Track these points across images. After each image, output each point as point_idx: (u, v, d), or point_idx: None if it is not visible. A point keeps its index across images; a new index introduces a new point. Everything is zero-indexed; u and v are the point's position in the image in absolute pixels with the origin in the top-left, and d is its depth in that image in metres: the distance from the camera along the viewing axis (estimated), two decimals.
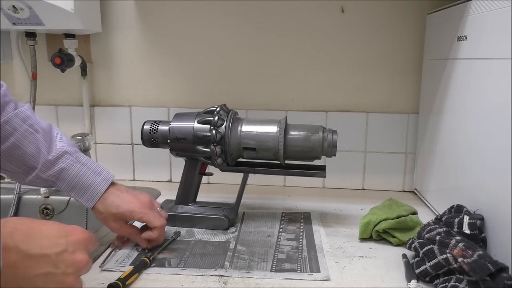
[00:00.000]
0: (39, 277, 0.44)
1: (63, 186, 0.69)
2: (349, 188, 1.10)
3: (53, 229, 0.48)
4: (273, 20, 1.05)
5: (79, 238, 0.49)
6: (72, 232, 0.49)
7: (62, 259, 0.46)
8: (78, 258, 0.48)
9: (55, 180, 0.68)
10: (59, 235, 0.48)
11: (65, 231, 0.49)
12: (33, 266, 0.44)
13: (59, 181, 0.68)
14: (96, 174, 0.69)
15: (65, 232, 0.49)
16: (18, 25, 0.93)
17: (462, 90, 0.77)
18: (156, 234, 0.72)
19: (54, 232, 0.48)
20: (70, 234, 0.49)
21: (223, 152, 0.79)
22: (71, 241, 0.48)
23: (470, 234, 0.63)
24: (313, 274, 0.66)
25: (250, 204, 0.96)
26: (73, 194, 0.69)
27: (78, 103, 1.13)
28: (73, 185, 0.68)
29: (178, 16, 1.07)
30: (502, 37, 0.61)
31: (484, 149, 0.68)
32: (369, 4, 1.02)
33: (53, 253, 0.46)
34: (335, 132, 0.79)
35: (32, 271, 0.44)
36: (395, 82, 1.05)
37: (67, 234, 0.48)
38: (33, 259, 0.44)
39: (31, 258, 0.44)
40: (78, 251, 0.48)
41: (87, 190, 0.69)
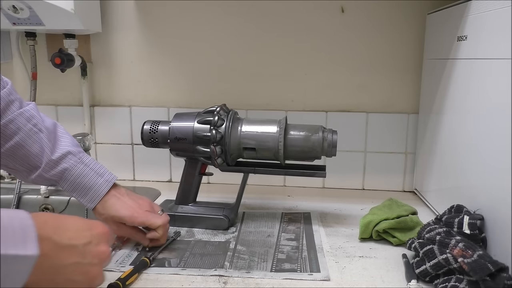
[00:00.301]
0: (68, 267, 0.47)
1: (66, 186, 0.69)
2: (349, 188, 1.10)
3: (78, 222, 0.51)
4: (273, 20, 1.05)
5: (101, 232, 0.53)
6: (95, 226, 0.53)
7: (88, 250, 0.49)
8: (101, 250, 0.51)
9: (57, 180, 0.69)
10: (84, 228, 0.51)
11: (88, 225, 0.52)
12: (64, 256, 0.46)
13: (62, 181, 0.69)
14: (98, 175, 0.70)
15: (89, 225, 0.52)
16: (18, 25, 0.93)
17: (462, 90, 0.77)
18: (160, 233, 0.72)
19: (79, 225, 0.50)
20: (93, 228, 0.52)
21: (223, 152, 0.79)
22: (95, 234, 0.51)
23: (470, 234, 0.63)
24: (313, 274, 0.66)
25: (250, 204, 0.96)
26: (75, 195, 0.70)
27: (78, 103, 1.13)
28: (75, 185, 0.69)
29: (178, 16, 1.07)
30: (502, 37, 0.61)
31: (484, 149, 0.68)
32: (369, 4, 1.02)
33: (80, 244, 0.48)
34: (335, 132, 0.79)
35: (63, 260, 0.46)
36: (395, 82, 1.05)
37: (91, 227, 0.52)
38: (64, 249, 0.46)
39: (62, 248, 0.46)
40: (101, 243, 0.52)
41: (89, 191, 0.69)
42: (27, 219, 0.42)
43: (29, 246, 0.41)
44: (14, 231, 0.40)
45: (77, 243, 0.48)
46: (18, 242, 0.40)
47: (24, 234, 0.41)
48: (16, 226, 0.41)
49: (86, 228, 0.51)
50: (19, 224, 0.41)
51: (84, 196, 0.69)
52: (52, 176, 0.68)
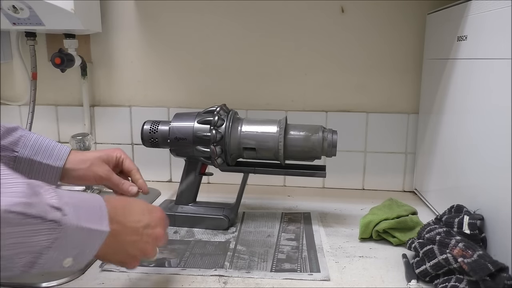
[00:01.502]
0: (129, 243, 0.54)
1: (26, 152, 0.67)
2: (349, 188, 1.10)
3: (141, 206, 0.58)
4: (273, 20, 1.05)
5: (159, 216, 0.59)
6: (154, 210, 0.60)
7: (146, 232, 0.56)
8: (158, 232, 0.58)
9: (14, 147, 0.66)
10: (145, 212, 0.57)
11: (149, 209, 0.59)
12: (127, 235, 0.54)
13: (20, 146, 0.67)
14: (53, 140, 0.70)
15: (149, 210, 0.59)
16: (18, 25, 0.93)
17: (462, 90, 0.77)
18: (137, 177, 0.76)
19: (142, 209, 0.58)
20: (152, 212, 0.59)
21: (223, 152, 0.79)
22: (154, 217, 0.58)
23: (470, 234, 0.63)
24: (313, 274, 0.66)
25: (250, 204, 0.96)
26: (39, 158, 0.67)
27: (78, 103, 1.13)
28: (37, 148, 0.67)
29: (178, 16, 1.07)
30: (502, 37, 0.61)
31: (484, 149, 0.68)
32: (369, 4, 1.02)
33: (140, 227, 0.55)
34: (335, 132, 0.79)
35: (125, 238, 0.53)
36: (395, 82, 1.05)
37: (151, 211, 0.59)
38: (128, 229, 0.54)
39: (127, 228, 0.54)
40: (158, 226, 0.58)
41: (53, 151, 0.68)
42: (102, 201, 0.50)
43: (104, 223, 0.48)
44: (95, 209, 0.48)
45: (138, 226, 0.55)
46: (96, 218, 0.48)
47: (101, 213, 0.49)
48: (96, 206, 0.49)
49: (147, 212, 0.58)
50: (98, 204, 0.49)
51: (49, 157, 0.68)
52: (9, 144, 0.66)
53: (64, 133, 1.14)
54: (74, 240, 0.45)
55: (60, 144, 0.70)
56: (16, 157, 0.66)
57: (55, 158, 0.68)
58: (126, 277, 0.65)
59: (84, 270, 0.66)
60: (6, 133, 0.67)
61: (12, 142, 0.66)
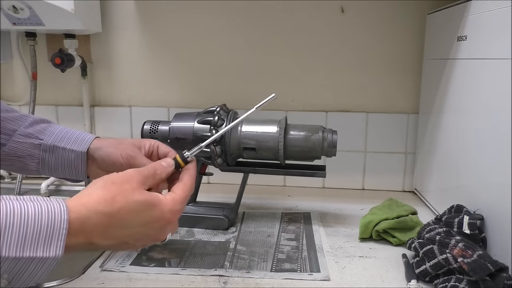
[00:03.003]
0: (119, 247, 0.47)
1: (51, 139, 0.66)
2: (349, 188, 1.10)
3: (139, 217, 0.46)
4: (273, 20, 1.05)
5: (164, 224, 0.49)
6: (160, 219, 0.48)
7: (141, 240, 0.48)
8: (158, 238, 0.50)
9: (39, 135, 0.65)
10: (143, 225, 0.47)
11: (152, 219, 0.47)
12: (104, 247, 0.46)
13: (45, 134, 0.66)
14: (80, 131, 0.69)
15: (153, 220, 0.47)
16: (18, 25, 0.93)
17: (462, 90, 0.77)
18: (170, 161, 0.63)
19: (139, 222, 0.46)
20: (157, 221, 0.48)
21: (223, 152, 0.79)
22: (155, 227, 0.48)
23: (470, 234, 0.63)
24: (313, 274, 0.66)
25: (250, 204, 0.96)
26: (63, 144, 0.65)
27: (78, 103, 1.13)
28: (62, 136, 0.66)
29: (178, 16, 1.07)
30: (502, 37, 0.61)
31: (484, 149, 0.68)
32: (369, 4, 1.02)
33: (130, 239, 0.47)
34: (335, 132, 0.79)
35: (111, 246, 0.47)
36: (395, 82, 1.05)
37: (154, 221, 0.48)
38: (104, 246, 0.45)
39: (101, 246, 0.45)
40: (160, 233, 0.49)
41: (78, 137, 0.66)
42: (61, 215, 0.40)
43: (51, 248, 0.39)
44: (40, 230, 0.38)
45: (126, 240, 0.46)
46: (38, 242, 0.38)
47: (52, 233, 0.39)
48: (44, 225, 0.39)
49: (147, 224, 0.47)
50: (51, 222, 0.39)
51: (73, 142, 0.66)
52: (35, 131, 0.65)
53: None
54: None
55: (88, 133, 0.68)
56: (40, 144, 0.65)
57: (79, 143, 0.66)
58: (126, 277, 0.65)
59: (84, 270, 0.66)
60: (34, 123, 0.66)
61: (39, 131, 0.66)
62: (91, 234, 0.43)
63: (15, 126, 0.65)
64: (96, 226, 0.43)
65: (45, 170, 0.67)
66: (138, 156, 0.64)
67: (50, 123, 0.69)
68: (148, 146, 0.67)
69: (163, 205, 0.49)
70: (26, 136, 0.65)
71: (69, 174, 0.67)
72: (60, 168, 0.66)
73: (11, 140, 0.65)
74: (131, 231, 0.46)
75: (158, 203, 0.48)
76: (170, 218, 0.49)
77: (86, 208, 0.43)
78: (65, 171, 0.67)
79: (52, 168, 0.67)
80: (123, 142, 0.67)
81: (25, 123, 0.66)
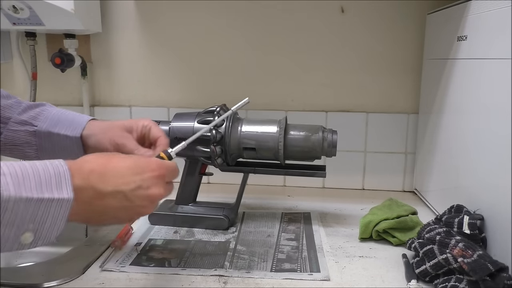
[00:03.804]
0: (114, 209, 0.49)
1: (45, 125, 0.65)
2: (349, 188, 1.10)
3: (128, 166, 0.50)
4: (273, 20, 1.05)
5: (154, 175, 0.51)
6: (147, 169, 0.51)
7: (136, 195, 0.49)
8: (152, 193, 0.51)
9: (33, 122, 0.65)
10: (134, 173, 0.50)
11: (140, 168, 0.50)
12: (108, 201, 0.48)
13: (39, 120, 0.65)
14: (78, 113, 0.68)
15: (140, 169, 0.50)
16: (18, 25, 0.93)
17: (462, 90, 0.77)
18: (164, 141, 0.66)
19: (129, 170, 0.50)
20: (145, 171, 0.51)
21: (223, 152, 0.79)
22: (146, 177, 0.50)
23: (470, 234, 0.63)
24: (313, 274, 0.66)
25: (250, 204, 0.96)
26: (57, 129, 0.65)
27: (78, 103, 1.13)
28: (56, 120, 0.65)
29: (178, 16, 1.07)
30: (502, 37, 0.61)
31: (484, 149, 0.68)
32: (369, 4, 1.02)
33: (127, 190, 0.48)
34: (335, 132, 0.79)
35: (108, 205, 0.48)
36: (395, 82, 1.05)
37: (142, 171, 0.50)
38: (108, 196, 0.47)
39: (106, 195, 0.47)
40: (153, 186, 0.51)
41: (72, 121, 0.66)
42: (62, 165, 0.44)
43: (63, 190, 0.43)
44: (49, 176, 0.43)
45: (123, 189, 0.48)
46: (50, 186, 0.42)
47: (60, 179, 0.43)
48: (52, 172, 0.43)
49: (137, 172, 0.50)
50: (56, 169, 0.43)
51: (68, 127, 0.65)
52: (29, 118, 0.64)
53: None
54: (24, 213, 0.40)
55: (82, 115, 0.67)
56: (36, 131, 0.65)
57: (73, 128, 0.65)
58: (126, 277, 0.65)
59: (84, 270, 0.66)
60: (28, 108, 0.65)
61: (32, 117, 0.65)
62: (89, 176, 0.46)
63: (9, 114, 0.64)
64: (92, 171, 0.47)
65: (44, 156, 0.67)
66: (127, 143, 0.65)
67: (45, 105, 0.67)
68: (141, 128, 0.68)
69: (150, 159, 0.54)
70: (20, 124, 0.65)
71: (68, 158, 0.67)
72: (57, 153, 0.66)
73: (6, 129, 0.65)
74: (127, 180, 0.49)
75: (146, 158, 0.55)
76: (157, 169, 0.52)
77: (80, 161, 0.48)
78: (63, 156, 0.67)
79: (50, 154, 0.66)
80: (113, 127, 0.66)
81: (18, 110, 0.65)
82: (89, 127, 0.66)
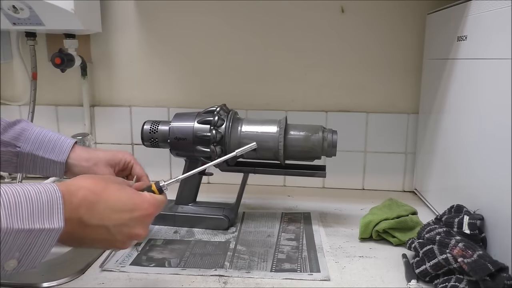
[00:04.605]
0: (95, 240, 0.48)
1: (28, 147, 0.65)
2: (349, 188, 1.10)
3: (121, 200, 0.50)
4: (273, 20, 1.05)
5: (143, 214, 0.51)
6: (139, 207, 0.51)
7: (120, 231, 0.49)
8: (135, 233, 0.51)
9: (16, 142, 0.65)
10: (125, 209, 0.49)
11: (132, 205, 0.50)
12: (90, 233, 0.47)
13: (21, 141, 0.65)
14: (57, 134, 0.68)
15: (132, 206, 0.50)
16: (18, 25, 0.93)
17: (462, 90, 0.77)
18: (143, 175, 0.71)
19: (121, 205, 0.49)
20: (136, 209, 0.51)
21: (223, 152, 0.79)
22: (135, 216, 0.50)
23: (470, 234, 0.63)
24: (313, 274, 0.66)
25: (250, 204, 0.96)
26: (41, 153, 0.66)
27: (78, 103, 1.13)
28: (39, 143, 0.66)
29: (178, 16, 1.07)
30: (502, 37, 0.61)
31: (484, 149, 0.68)
32: (369, 4, 1.02)
33: (111, 225, 0.48)
34: (335, 132, 0.79)
35: (87, 235, 0.47)
36: (395, 82, 1.05)
37: (134, 208, 0.50)
38: (92, 227, 0.47)
39: (89, 227, 0.47)
40: (138, 226, 0.51)
41: (56, 144, 0.66)
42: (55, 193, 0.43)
43: (55, 219, 0.42)
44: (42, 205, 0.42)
45: (108, 224, 0.48)
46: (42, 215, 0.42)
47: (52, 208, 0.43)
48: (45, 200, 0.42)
49: (127, 209, 0.50)
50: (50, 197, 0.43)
51: (52, 151, 0.66)
52: (10, 139, 0.64)
53: (64, 133, 1.11)
54: (12, 243, 0.40)
55: (63, 136, 0.68)
56: (18, 152, 0.65)
57: (58, 152, 0.66)
58: (126, 277, 0.65)
59: (84, 270, 0.66)
60: (7, 127, 0.65)
61: (14, 137, 0.65)
62: (79, 207, 0.46)
63: None
64: (84, 200, 0.46)
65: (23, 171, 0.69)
66: None
67: (22, 122, 0.67)
68: (122, 164, 0.72)
69: (143, 196, 0.53)
70: (2, 145, 0.65)
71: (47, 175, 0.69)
72: (38, 171, 0.68)
73: None
74: (113, 216, 0.48)
75: (138, 193, 0.53)
76: (148, 209, 0.52)
77: (74, 185, 0.47)
78: (43, 174, 0.69)
79: (30, 171, 0.68)
80: (96, 160, 0.68)
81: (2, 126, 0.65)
82: (73, 156, 0.68)
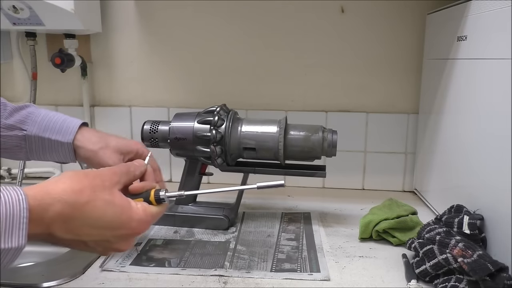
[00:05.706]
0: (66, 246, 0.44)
1: (34, 129, 0.63)
2: (349, 188, 1.10)
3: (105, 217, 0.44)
4: (273, 20, 1.05)
5: (128, 234, 0.46)
6: (126, 226, 0.45)
7: (99, 244, 0.45)
8: (117, 248, 0.47)
9: (22, 126, 0.63)
10: (108, 227, 0.44)
11: (117, 224, 0.44)
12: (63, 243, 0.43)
13: (28, 124, 0.64)
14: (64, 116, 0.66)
15: (117, 225, 0.44)
16: (18, 25, 0.93)
17: (462, 90, 0.77)
18: None
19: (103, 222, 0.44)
20: (122, 228, 0.45)
21: (223, 152, 0.79)
22: (119, 234, 0.45)
23: (470, 234, 0.63)
24: (313, 274, 0.66)
25: (250, 204, 0.96)
26: (48, 134, 0.64)
27: (78, 103, 1.13)
28: (45, 124, 0.64)
29: (178, 16, 1.07)
30: (502, 37, 0.61)
31: (484, 149, 0.68)
32: (369, 4, 1.02)
33: (89, 240, 0.44)
34: (335, 132, 0.79)
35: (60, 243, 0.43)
36: (395, 82, 1.05)
37: (119, 227, 0.45)
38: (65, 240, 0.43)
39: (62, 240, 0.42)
40: (122, 242, 0.46)
41: (62, 125, 0.64)
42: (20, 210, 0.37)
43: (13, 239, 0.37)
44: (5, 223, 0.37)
45: (85, 239, 0.43)
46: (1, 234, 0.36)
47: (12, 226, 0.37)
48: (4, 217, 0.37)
49: (111, 227, 0.44)
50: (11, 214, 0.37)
51: (58, 132, 0.63)
52: (17, 122, 0.63)
53: None
54: None
55: (70, 118, 0.66)
56: (25, 135, 0.64)
57: (64, 133, 0.64)
58: (126, 277, 0.65)
59: (84, 270, 0.66)
60: (14, 112, 0.64)
61: (20, 121, 0.64)
62: (51, 223, 0.40)
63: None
64: (58, 216, 0.40)
65: (34, 157, 0.66)
66: None
67: (30, 107, 0.66)
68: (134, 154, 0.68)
69: (133, 212, 0.46)
70: (8, 129, 0.64)
71: (58, 159, 0.66)
72: (48, 155, 0.65)
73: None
74: (93, 232, 0.43)
75: (128, 208, 0.46)
76: (136, 228, 0.46)
77: (50, 195, 0.40)
78: (54, 158, 0.66)
79: (41, 156, 0.66)
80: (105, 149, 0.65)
81: (4, 113, 0.64)
82: (80, 138, 0.65)
